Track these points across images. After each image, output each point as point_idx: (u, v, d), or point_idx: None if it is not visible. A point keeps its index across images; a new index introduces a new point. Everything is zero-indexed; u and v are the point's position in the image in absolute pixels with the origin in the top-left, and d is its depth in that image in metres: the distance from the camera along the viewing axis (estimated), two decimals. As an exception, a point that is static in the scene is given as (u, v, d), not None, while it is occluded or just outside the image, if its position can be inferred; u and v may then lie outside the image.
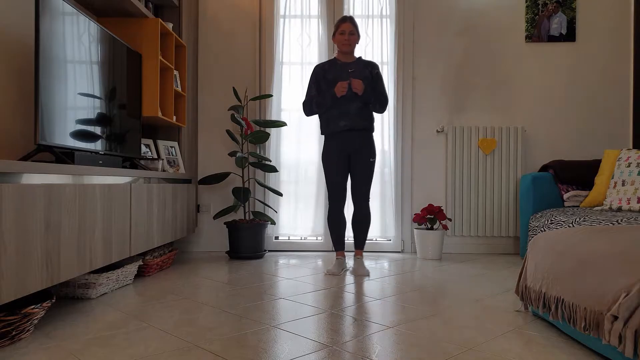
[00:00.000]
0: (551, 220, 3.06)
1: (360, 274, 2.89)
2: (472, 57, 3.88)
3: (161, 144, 3.40)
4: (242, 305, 2.17)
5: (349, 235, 3.45)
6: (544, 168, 3.68)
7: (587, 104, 3.87)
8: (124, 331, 1.79)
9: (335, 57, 3.07)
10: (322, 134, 3.06)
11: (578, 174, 3.48)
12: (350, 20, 2.98)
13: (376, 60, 3.84)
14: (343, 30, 2.97)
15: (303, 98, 3.10)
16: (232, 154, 3.48)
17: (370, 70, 3.00)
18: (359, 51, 3.84)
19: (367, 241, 3.83)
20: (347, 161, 2.99)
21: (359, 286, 2.60)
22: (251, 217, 3.74)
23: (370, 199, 3.04)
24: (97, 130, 2.42)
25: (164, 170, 3.21)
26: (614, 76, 3.86)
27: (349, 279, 2.80)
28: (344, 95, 2.91)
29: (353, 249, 3.36)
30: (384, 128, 3.82)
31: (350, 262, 3.30)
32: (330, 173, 2.99)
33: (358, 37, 3.01)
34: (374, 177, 3.80)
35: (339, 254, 3.04)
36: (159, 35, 3.07)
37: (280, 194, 3.68)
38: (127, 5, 2.87)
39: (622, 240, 1.58)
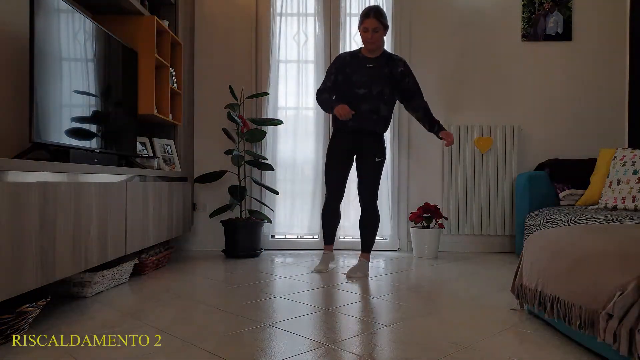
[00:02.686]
0: (547, 219, 3.07)
1: (351, 274, 2.79)
2: (468, 56, 3.88)
3: (157, 142, 3.39)
4: (238, 304, 2.17)
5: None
6: (540, 167, 3.69)
7: (583, 103, 3.88)
8: (119, 330, 1.79)
9: (359, 50, 2.88)
10: (332, 126, 2.98)
11: (574, 173, 3.49)
12: (374, 15, 2.69)
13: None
14: (366, 27, 2.71)
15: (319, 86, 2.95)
16: (228, 152, 3.47)
17: (391, 69, 2.80)
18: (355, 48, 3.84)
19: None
20: (350, 160, 2.90)
21: (356, 285, 2.60)
22: (247, 215, 3.73)
23: (377, 200, 2.92)
24: (93, 128, 2.41)
25: (159, 169, 3.20)
26: (609, 75, 3.87)
27: (345, 277, 2.80)
28: (357, 93, 2.77)
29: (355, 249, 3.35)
30: (380, 126, 3.82)
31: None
32: (331, 167, 2.89)
33: (385, 30, 2.75)
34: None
35: (327, 248, 2.99)
36: (155, 33, 3.06)
37: (277, 193, 3.67)
38: (123, 2, 2.86)
39: (617, 239, 1.59)
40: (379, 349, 1.60)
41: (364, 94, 2.79)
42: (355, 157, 2.93)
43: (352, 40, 3.84)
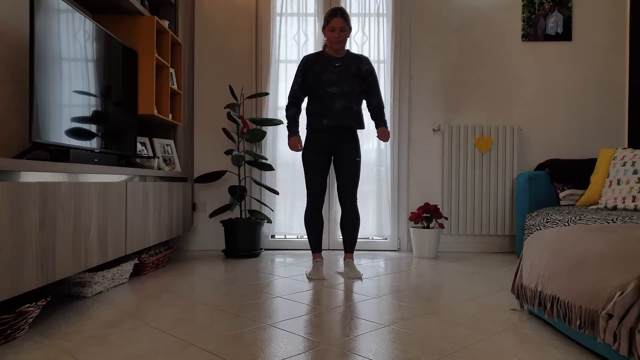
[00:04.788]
0: (547, 219, 3.07)
1: (353, 277, 2.77)
2: (468, 56, 3.88)
3: (157, 142, 3.39)
4: (238, 304, 2.17)
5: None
6: (540, 167, 3.69)
7: (583, 103, 3.88)
8: (119, 330, 1.79)
9: (323, 50, 2.94)
10: (306, 128, 2.93)
11: (574, 173, 3.49)
12: (340, 14, 2.82)
13: (373, 58, 3.83)
14: (333, 26, 2.81)
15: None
16: (228, 152, 3.47)
17: (358, 67, 2.86)
18: (355, 50, 3.84)
19: (363, 240, 3.84)
20: (328, 160, 2.89)
21: (355, 285, 2.60)
22: (247, 215, 3.73)
23: (357, 200, 2.91)
24: (93, 128, 2.41)
25: (159, 169, 3.20)
26: (609, 75, 3.87)
27: (345, 277, 2.80)
28: (328, 91, 2.80)
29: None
30: (380, 126, 3.82)
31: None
32: (310, 171, 2.86)
33: (349, 31, 2.87)
34: (369, 176, 3.82)
35: (317, 256, 2.91)
36: (155, 33, 3.06)
37: (277, 193, 3.67)
38: (123, 2, 2.86)
39: (617, 239, 1.59)
40: (379, 349, 1.60)
41: (336, 92, 2.82)
42: (333, 158, 2.91)
43: (352, 40, 3.84)
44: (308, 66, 2.89)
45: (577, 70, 3.87)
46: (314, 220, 2.91)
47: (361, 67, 2.88)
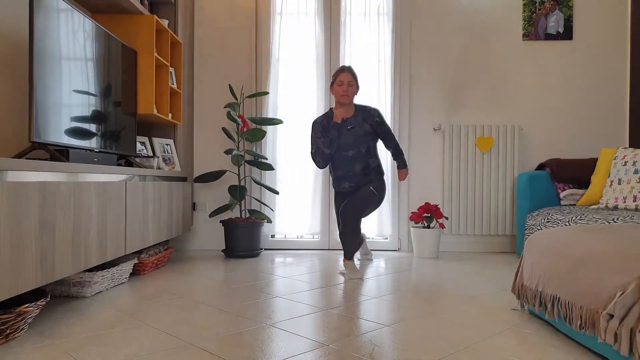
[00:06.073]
0: (547, 219, 3.07)
1: (353, 277, 2.75)
2: (469, 55, 3.87)
3: (156, 141, 3.39)
4: (238, 304, 2.16)
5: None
6: (541, 166, 3.68)
7: (584, 102, 3.87)
8: (119, 330, 1.78)
9: (331, 109, 3.03)
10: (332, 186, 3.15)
11: (574, 173, 3.48)
12: (349, 70, 2.94)
13: (373, 58, 3.83)
14: (341, 80, 2.91)
15: (311, 149, 3.01)
16: (228, 151, 3.46)
17: (371, 123, 2.99)
18: (356, 56, 3.84)
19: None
20: None
21: (356, 285, 2.60)
22: (247, 215, 3.72)
23: (360, 221, 2.89)
24: (92, 127, 2.41)
25: (159, 168, 3.20)
26: (610, 74, 3.86)
27: (346, 278, 2.79)
28: (346, 155, 2.94)
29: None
30: (380, 126, 3.82)
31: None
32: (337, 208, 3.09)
33: (357, 88, 2.98)
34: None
35: (349, 260, 2.91)
36: (154, 32, 3.05)
37: (277, 192, 3.67)
38: (123, 1, 2.85)
39: (618, 239, 1.58)
40: (379, 349, 1.60)
41: (353, 155, 2.97)
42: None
43: (352, 40, 3.84)
44: (324, 130, 3.00)
45: (578, 70, 3.87)
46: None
47: (372, 121, 3.01)
